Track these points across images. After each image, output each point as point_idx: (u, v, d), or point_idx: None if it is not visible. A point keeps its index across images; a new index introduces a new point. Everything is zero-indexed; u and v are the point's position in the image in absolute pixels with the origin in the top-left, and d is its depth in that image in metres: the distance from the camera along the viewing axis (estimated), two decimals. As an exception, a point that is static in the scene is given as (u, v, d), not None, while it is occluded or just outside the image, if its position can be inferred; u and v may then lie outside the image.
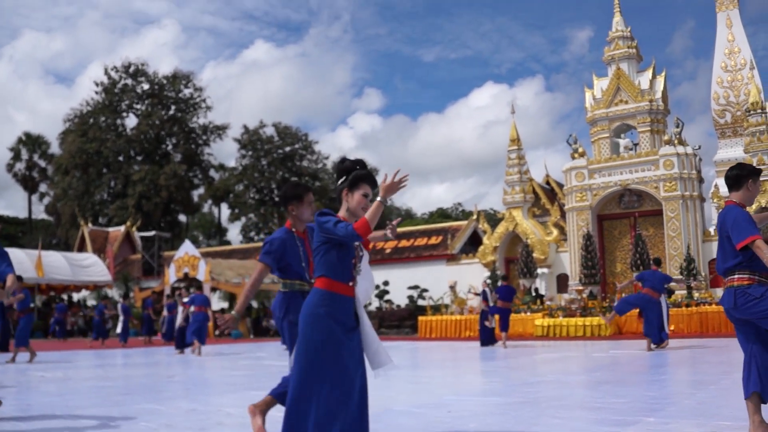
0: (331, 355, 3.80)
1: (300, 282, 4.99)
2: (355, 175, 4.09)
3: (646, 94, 25.63)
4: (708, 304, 20.80)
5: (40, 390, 8.98)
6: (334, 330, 3.82)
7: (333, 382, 3.78)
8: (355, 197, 4.04)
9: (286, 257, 4.97)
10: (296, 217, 5.00)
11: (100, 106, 58.71)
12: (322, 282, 3.90)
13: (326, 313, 3.82)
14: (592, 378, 9.11)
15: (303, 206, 4.98)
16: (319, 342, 3.80)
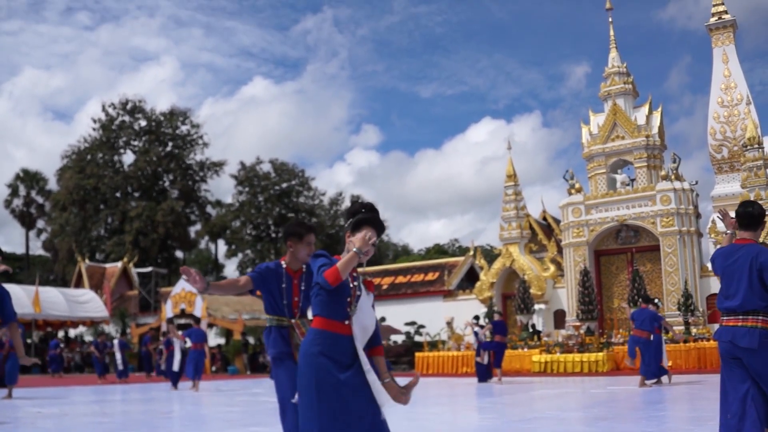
0: (328, 394, 3.80)
1: (278, 318, 4.96)
2: (358, 218, 4.13)
3: (642, 130, 25.85)
4: (706, 339, 20.76)
5: (36, 426, 8.96)
6: (329, 368, 3.83)
7: (334, 421, 3.78)
8: (357, 237, 4.06)
9: (267, 287, 4.95)
10: (293, 253, 5.00)
11: (97, 142, 58.97)
12: (317, 321, 3.95)
13: (319, 352, 3.86)
14: (589, 414, 9.11)
15: (301, 245, 4.97)
16: (314, 381, 3.82)
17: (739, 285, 5.04)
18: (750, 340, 4.92)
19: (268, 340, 4.93)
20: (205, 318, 30.72)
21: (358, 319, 3.99)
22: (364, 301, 4.03)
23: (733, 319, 5.05)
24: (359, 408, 3.81)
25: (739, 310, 5.04)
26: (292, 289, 4.94)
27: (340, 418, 3.78)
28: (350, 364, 3.90)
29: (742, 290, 5.02)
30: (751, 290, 4.98)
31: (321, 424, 3.77)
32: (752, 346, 4.93)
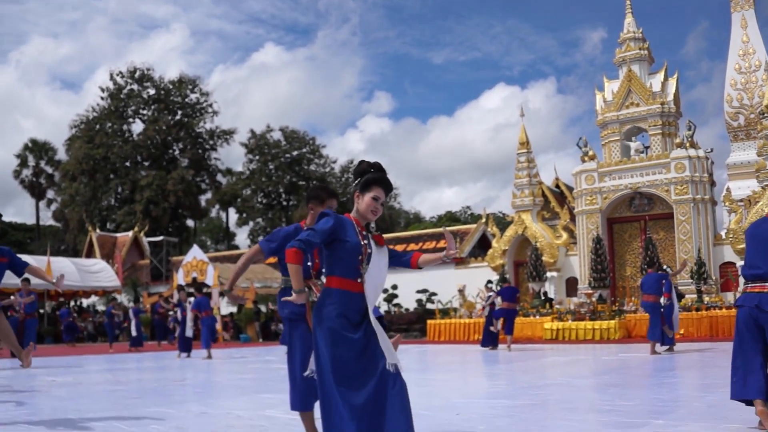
0: (341, 354, 3.80)
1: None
2: (367, 178, 4.12)
3: (657, 97, 25.53)
4: (718, 308, 20.68)
5: (51, 394, 9.02)
6: (343, 327, 3.83)
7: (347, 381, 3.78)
8: (365, 200, 4.08)
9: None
10: (313, 216, 4.98)
11: (106, 111, 58.90)
12: (330, 280, 3.95)
13: (334, 312, 3.85)
14: (600, 381, 9.09)
15: (321, 209, 4.82)
16: (328, 340, 3.81)
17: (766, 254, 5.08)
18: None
19: (282, 301, 4.86)
20: (216, 286, 30.85)
21: (371, 277, 3.99)
22: (375, 259, 4.02)
23: (759, 286, 5.08)
24: (368, 368, 3.80)
25: (767, 276, 5.06)
26: (312, 252, 4.87)
27: (352, 377, 3.77)
28: (360, 322, 3.90)
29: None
30: None
31: (334, 383, 3.76)
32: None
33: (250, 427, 5.93)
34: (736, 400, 5.18)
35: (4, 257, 6.42)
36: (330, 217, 3.95)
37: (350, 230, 3.98)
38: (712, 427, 5.18)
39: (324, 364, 3.82)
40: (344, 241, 3.93)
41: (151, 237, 47.11)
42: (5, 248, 6.56)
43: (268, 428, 5.80)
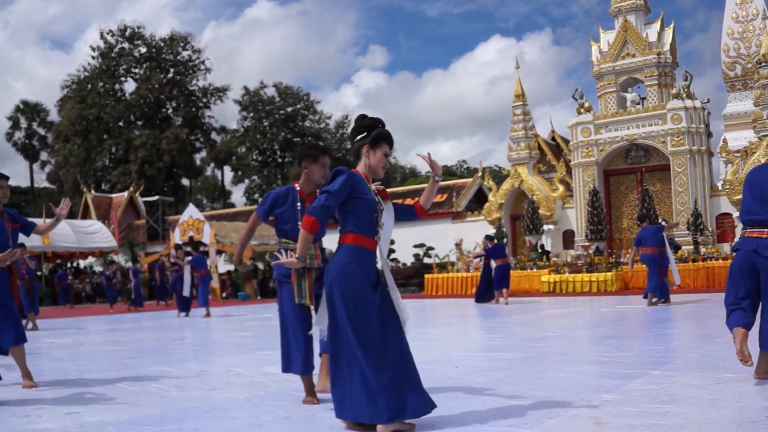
0: (364, 311, 3.81)
1: (285, 240, 4.99)
2: (378, 132, 4.11)
3: (653, 47, 25.27)
4: (715, 259, 20.77)
5: (51, 356, 9.07)
6: (364, 285, 3.85)
7: (369, 340, 3.79)
8: (377, 155, 4.08)
9: (277, 213, 4.98)
10: (307, 175, 4.97)
11: (97, 71, 58.22)
12: (349, 238, 3.92)
13: (357, 269, 3.85)
14: (597, 333, 9.15)
15: (315, 166, 4.93)
16: (355, 299, 3.81)
17: (766, 201, 5.09)
18: None
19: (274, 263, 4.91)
20: (213, 245, 30.91)
21: (384, 234, 4.03)
22: (385, 215, 4.04)
23: (758, 231, 5.09)
24: (388, 328, 3.84)
25: (766, 222, 5.08)
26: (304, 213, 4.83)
27: (374, 337, 3.79)
28: (376, 281, 3.91)
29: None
30: None
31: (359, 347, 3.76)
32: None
33: (249, 383, 5.97)
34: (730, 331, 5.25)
35: (16, 222, 6.34)
36: (344, 174, 3.91)
37: (365, 186, 3.97)
38: (707, 376, 5.22)
39: (344, 325, 3.82)
40: (362, 198, 3.91)
41: (146, 197, 46.99)
42: (14, 212, 6.44)
43: (268, 384, 5.83)
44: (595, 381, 5.25)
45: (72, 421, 4.58)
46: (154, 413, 4.75)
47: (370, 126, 4.16)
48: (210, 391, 5.62)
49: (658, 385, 4.94)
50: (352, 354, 3.79)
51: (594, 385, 5.04)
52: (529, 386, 5.14)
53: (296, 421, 4.29)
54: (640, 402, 4.35)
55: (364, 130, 4.15)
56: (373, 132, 4.12)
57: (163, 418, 4.57)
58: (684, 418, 3.85)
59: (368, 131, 4.14)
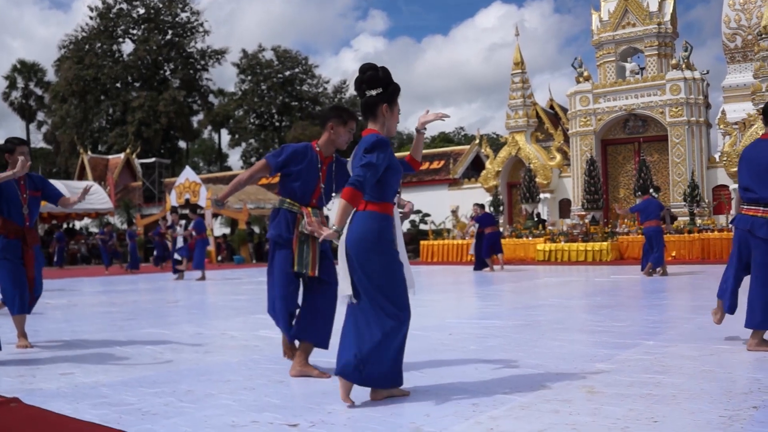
0: (396, 276, 3.77)
1: (291, 202, 4.62)
2: (395, 88, 3.86)
3: (654, 17, 25.05)
4: (710, 230, 20.79)
5: (47, 316, 9.08)
6: (392, 249, 3.79)
7: (403, 300, 3.79)
8: (395, 114, 3.89)
9: (294, 170, 4.58)
10: (330, 137, 4.59)
11: (95, 31, 57.65)
12: (372, 206, 3.76)
13: (387, 237, 3.76)
14: (592, 302, 9.18)
15: (343, 129, 4.58)
16: (388, 264, 3.75)
17: (762, 178, 5.10)
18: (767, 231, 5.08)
19: (273, 221, 4.67)
20: (209, 208, 30.86)
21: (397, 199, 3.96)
22: None
23: (753, 209, 5.15)
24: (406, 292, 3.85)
25: (761, 201, 5.12)
26: (320, 176, 4.62)
27: (404, 297, 3.81)
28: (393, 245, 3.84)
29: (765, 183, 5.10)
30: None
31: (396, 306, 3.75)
32: (765, 235, 5.09)
33: (243, 346, 5.98)
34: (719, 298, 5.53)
35: (37, 190, 6.16)
36: (385, 145, 3.71)
37: (392, 152, 3.82)
38: (701, 347, 5.24)
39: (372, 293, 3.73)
40: (394, 168, 3.79)
41: (143, 159, 46.83)
42: (38, 178, 6.28)
43: (262, 348, 5.85)
44: (589, 350, 5.26)
45: (66, 382, 4.59)
46: (148, 375, 4.76)
47: (387, 80, 3.83)
48: (204, 354, 5.63)
49: (651, 355, 4.96)
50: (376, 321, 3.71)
51: (588, 354, 5.06)
52: (523, 354, 5.16)
53: (290, 384, 4.31)
54: (633, 372, 4.36)
55: (380, 85, 3.82)
56: (390, 88, 3.83)
57: (157, 380, 4.58)
58: (676, 388, 3.87)
59: (385, 87, 3.82)
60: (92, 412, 3.71)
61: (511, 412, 3.46)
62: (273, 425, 3.35)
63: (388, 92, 3.82)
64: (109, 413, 3.67)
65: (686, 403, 3.53)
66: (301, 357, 4.60)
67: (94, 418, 3.58)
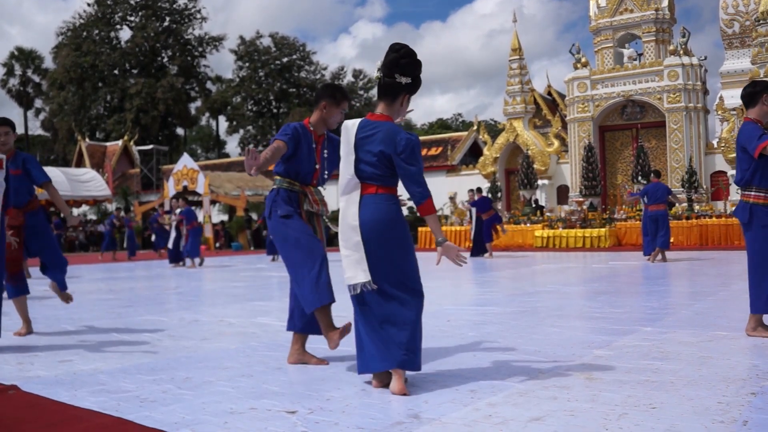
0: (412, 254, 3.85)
1: (290, 182, 4.49)
2: (420, 81, 3.84)
3: (651, 3, 24.97)
4: (708, 216, 20.82)
5: (44, 303, 9.07)
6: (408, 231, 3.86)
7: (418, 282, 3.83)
8: (409, 104, 3.90)
9: (299, 150, 4.46)
10: (323, 117, 4.53)
11: (93, 18, 57.43)
12: (385, 189, 3.76)
13: (402, 218, 3.82)
14: (590, 289, 9.19)
15: (336, 109, 4.51)
16: (412, 249, 3.84)
17: (739, 160, 5.15)
18: (742, 214, 5.12)
19: (273, 202, 4.48)
20: (207, 194, 30.84)
21: None
22: None
23: (739, 195, 5.19)
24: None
25: (738, 184, 5.18)
26: (315, 155, 4.55)
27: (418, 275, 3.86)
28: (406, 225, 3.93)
29: (738, 165, 5.17)
30: (740, 165, 5.14)
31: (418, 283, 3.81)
32: (743, 220, 5.12)
33: (241, 333, 5.98)
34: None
35: (18, 169, 5.97)
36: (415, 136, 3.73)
37: None
38: (699, 333, 5.25)
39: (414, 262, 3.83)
40: None
41: (140, 146, 46.74)
42: (23, 156, 6.11)
43: (260, 335, 5.84)
44: (587, 336, 5.27)
45: (65, 369, 4.58)
46: (146, 362, 4.76)
47: (417, 69, 3.80)
48: (202, 341, 5.63)
49: (649, 341, 4.96)
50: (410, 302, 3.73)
51: (585, 341, 5.06)
52: (521, 341, 5.16)
53: (288, 371, 4.30)
54: (631, 358, 4.36)
55: (412, 75, 3.78)
56: (417, 79, 3.80)
57: (155, 367, 4.57)
58: (674, 374, 3.87)
59: (414, 78, 3.79)
60: (91, 399, 3.71)
61: (509, 398, 3.46)
62: (271, 412, 3.34)
63: (414, 84, 3.80)
64: (107, 400, 3.67)
65: (684, 389, 3.53)
66: (299, 344, 4.59)
67: (93, 405, 3.57)
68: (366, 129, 3.76)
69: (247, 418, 3.26)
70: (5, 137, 5.89)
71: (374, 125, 3.75)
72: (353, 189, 3.77)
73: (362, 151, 3.74)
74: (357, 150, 3.75)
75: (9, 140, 5.90)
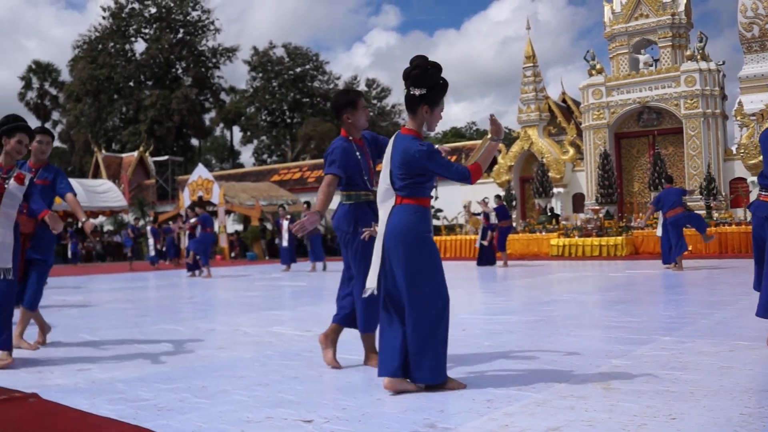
0: (439, 266, 3.85)
1: (365, 192, 4.65)
2: (440, 88, 3.85)
3: (668, 8, 24.85)
4: (728, 224, 20.59)
5: (62, 313, 9.12)
6: (435, 245, 3.88)
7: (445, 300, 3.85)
8: (435, 115, 3.91)
9: (349, 167, 4.59)
10: (352, 124, 4.65)
11: (108, 31, 58.01)
12: (414, 199, 3.85)
13: (426, 230, 3.84)
14: (607, 297, 9.12)
15: (358, 112, 4.63)
16: (430, 257, 3.83)
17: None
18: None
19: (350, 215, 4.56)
20: (222, 204, 30.94)
21: None
22: None
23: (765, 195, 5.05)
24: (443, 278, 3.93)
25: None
26: (366, 159, 4.69)
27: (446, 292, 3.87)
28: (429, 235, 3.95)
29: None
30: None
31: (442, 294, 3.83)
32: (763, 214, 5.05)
33: (257, 342, 5.98)
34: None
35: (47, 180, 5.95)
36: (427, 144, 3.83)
37: None
38: (719, 343, 5.18)
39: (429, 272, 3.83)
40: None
41: (156, 157, 47.02)
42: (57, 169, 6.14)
43: (275, 344, 5.84)
44: (604, 346, 5.22)
45: (83, 378, 4.60)
46: (163, 371, 4.76)
47: (432, 81, 3.82)
48: (218, 350, 5.63)
49: (668, 351, 4.91)
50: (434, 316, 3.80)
51: (603, 350, 5.01)
52: (538, 350, 5.12)
53: (304, 380, 4.30)
54: (649, 368, 4.32)
55: (424, 85, 3.82)
56: (433, 89, 3.82)
57: (172, 376, 4.58)
58: (694, 385, 3.82)
59: (429, 87, 3.82)
60: (109, 407, 3.72)
61: (526, 408, 3.43)
62: (287, 421, 3.34)
63: (430, 94, 3.83)
64: (125, 408, 3.68)
65: (705, 400, 3.49)
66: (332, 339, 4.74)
67: (111, 413, 3.59)
68: (395, 143, 3.94)
69: (263, 427, 3.25)
70: (46, 146, 6.08)
71: (401, 139, 3.90)
72: (388, 198, 3.93)
73: (392, 163, 3.89)
74: (390, 163, 3.92)
75: (48, 150, 6.10)
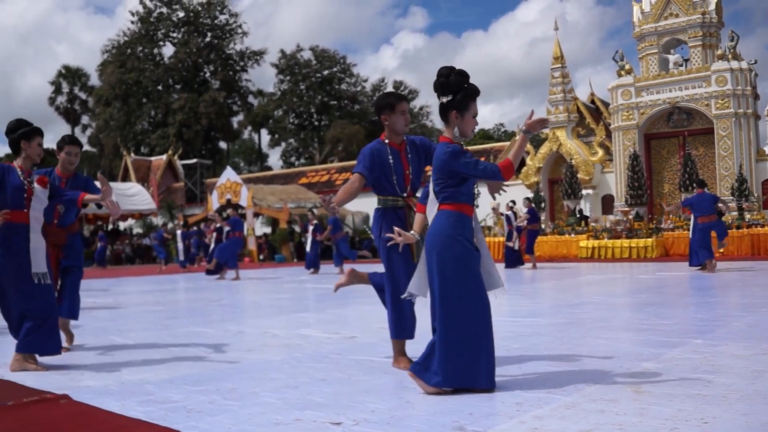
0: (472, 276, 3.86)
1: (393, 198, 4.69)
2: (465, 93, 3.87)
3: (698, 7, 24.55)
4: (760, 225, 20.29)
5: (91, 315, 9.22)
6: (468, 249, 3.86)
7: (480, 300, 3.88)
8: (466, 120, 3.92)
9: (377, 169, 4.64)
10: (389, 127, 4.68)
11: (136, 36, 58.71)
12: (452, 205, 3.89)
13: (459, 234, 3.84)
14: (637, 300, 9.02)
15: (395, 116, 4.63)
16: (459, 264, 3.82)
17: None
18: None
19: (382, 221, 4.65)
20: (250, 207, 31.12)
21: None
22: None
23: None
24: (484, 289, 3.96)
25: None
26: (402, 163, 4.69)
27: (482, 296, 3.91)
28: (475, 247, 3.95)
29: None
30: None
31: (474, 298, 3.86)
32: None
33: (285, 345, 6.00)
34: None
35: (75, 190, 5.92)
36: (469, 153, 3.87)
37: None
38: (752, 347, 5.10)
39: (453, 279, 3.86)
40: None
41: (184, 160, 47.45)
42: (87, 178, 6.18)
43: (304, 346, 5.85)
44: (635, 349, 5.16)
45: (113, 380, 4.65)
46: (193, 373, 4.80)
47: (457, 84, 3.86)
48: (247, 352, 5.66)
49: (700, 354, 4.84)
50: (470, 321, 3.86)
51: (633, 353, 4.96)
52: (567, 353, 5.08)
53: (332, 383, 4.30)
54: (681, 371, 4.26)
55: (449, 92, 3.87)
56: (459, 94, 3.85)
57: (201, 378, 4.61)
58: (727, 388, 3.76)
59: (455, 93, 3.86)
60: (139, 409, 3.75)
61: (556, 411, 3.40)
62: (316, 423, 3.34)
63: (456, 100, 3.87)
64: (155, 410, 3.71)
65: (738, 404, 3.43)
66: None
67: (141, 414, 3.62)
68: (435, 151, 4.03)
69: (292, 429, 3.26)
70: (74, 157, 6.14)
71: (437, 147, 3.98)
72: (433, 206, 4.01)
73: (432, 171, 4.00)
74: (432, 171, 4.03)
75: (76, 161, 6.18)
